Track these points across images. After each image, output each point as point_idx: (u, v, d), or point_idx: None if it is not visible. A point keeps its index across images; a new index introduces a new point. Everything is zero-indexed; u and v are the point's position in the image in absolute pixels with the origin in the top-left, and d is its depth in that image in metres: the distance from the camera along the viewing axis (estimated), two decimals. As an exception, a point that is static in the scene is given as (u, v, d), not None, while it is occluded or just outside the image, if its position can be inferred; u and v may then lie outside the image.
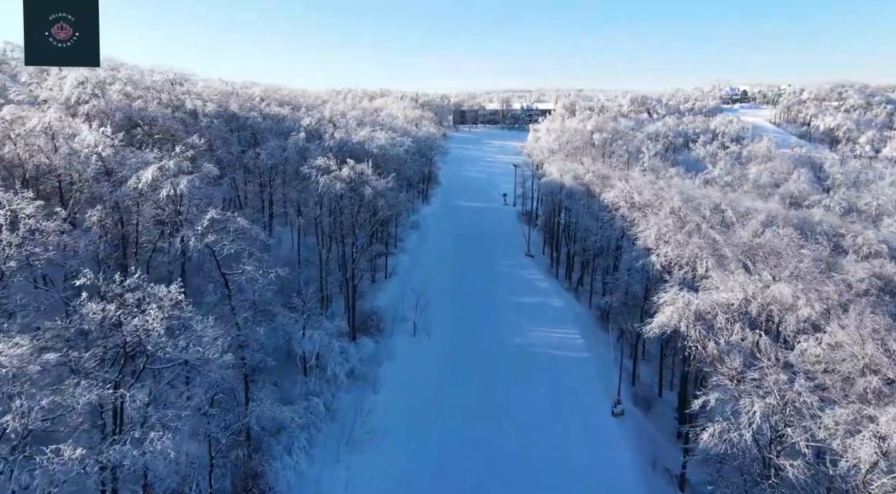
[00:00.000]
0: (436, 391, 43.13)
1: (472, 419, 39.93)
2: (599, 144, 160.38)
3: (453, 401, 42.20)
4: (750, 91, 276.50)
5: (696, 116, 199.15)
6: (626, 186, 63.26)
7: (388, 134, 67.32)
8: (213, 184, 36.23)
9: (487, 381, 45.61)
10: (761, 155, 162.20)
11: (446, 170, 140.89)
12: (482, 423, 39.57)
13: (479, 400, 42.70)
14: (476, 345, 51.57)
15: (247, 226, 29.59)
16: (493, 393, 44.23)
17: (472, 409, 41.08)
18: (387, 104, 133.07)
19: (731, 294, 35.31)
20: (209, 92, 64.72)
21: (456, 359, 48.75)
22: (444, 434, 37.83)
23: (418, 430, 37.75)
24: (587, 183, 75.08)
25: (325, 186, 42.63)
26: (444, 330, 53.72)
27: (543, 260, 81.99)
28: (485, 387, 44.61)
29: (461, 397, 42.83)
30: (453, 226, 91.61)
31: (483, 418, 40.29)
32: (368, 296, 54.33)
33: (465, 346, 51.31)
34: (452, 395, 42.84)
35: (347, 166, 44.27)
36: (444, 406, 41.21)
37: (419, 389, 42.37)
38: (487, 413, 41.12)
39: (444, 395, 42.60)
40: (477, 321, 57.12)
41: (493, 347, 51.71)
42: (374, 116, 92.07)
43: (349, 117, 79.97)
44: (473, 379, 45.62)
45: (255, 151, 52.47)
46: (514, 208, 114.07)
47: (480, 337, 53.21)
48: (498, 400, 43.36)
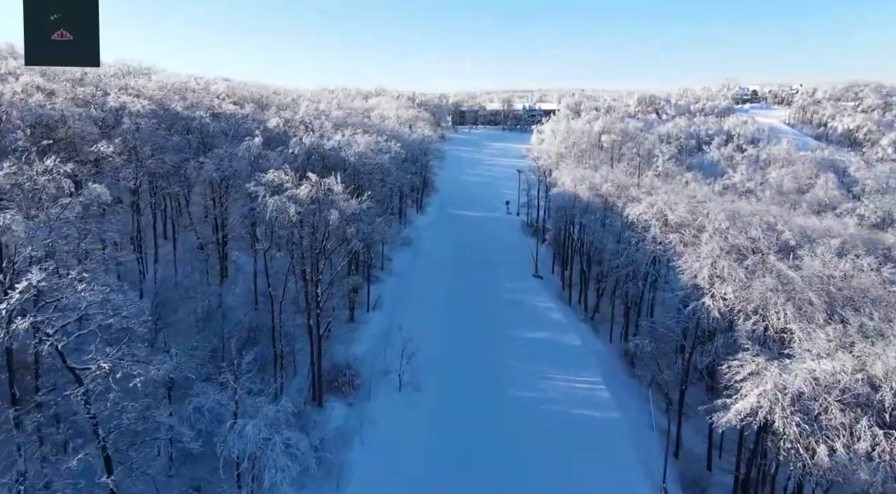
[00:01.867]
0: (425, 478, 32.69)
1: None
2: (608, 147, 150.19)
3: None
4: (760, 91, 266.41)
5: (707, 117, 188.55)
6: (656, 201, 52.79)
7: (372, 138, 56.65)
8: (107, 211, 25.84)
9: (492, 459, 35.17)
10: (781, 158, 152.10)
11: (444, 174, 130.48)
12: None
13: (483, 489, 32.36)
14: (477, 404, 41.05)
15: (103, 293, 19.13)
16: (501, 475, 33.82)
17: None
18: (380, 104, 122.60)
19: (835, 363, 24.84)
20: (151, 86, 53.90)
21: (452, 426, 38.16)
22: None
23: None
24: (604, 194, 64.62)
25: (275, 210, 32.19)
26: (437, 382, 43.21)
27: (553, 282, 71.55)
28: (489, 469, 34.18)
29: (459, 486, 32.46)
30: (451, 241, 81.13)
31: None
32: (344, 340, 43.93)
33: (464, 406, 40.77)
34: (447, 485, 32.45)
35: (309, 182, 33.63)
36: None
37: (402, 479, 31.89)
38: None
39: (436, 486, 32.17)
40: (478, 368, 46.64)
41: (499, 406, 41.24)
42: (362, 117, 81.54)
43: (331, 117, 69.27)
44: (474, 456, 35.21)
45: (199, 161, 41.94)
46: (517, 217, 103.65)
47: (482, 393, 42.68)
48: (507, 489, 32.97)
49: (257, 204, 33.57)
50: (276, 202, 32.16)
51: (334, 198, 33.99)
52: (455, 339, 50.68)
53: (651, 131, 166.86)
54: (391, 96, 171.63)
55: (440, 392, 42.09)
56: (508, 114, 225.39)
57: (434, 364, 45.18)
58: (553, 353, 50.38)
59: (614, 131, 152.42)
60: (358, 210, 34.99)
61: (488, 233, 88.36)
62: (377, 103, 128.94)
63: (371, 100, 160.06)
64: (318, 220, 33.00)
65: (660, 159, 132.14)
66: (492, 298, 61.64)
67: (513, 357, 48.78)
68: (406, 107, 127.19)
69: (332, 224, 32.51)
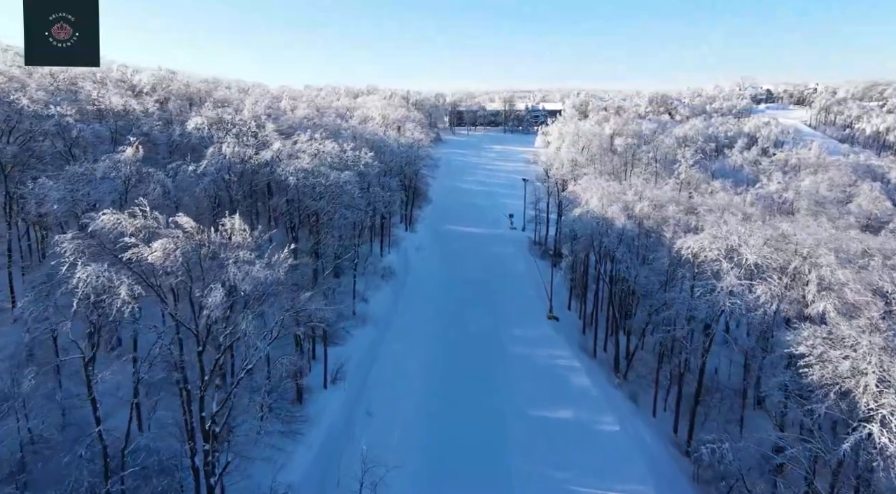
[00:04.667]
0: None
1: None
2: (622, 151, 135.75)
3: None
4: (774, 90, 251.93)
5: (725, 118, 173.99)
6: (723, 232, 38.16)
7: (332, 147, 41.30)
8: None
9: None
10: (811, 163, 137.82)
11: (439, 181, 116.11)
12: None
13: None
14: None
15: None
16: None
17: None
18: (365, 103, 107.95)
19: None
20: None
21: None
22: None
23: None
24: (639, 216, 50.19)
25: (93, 289, 17.10)
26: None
27: (571, 325, 57.05)
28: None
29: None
30: (444, 270, 66.49)
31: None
32: (273, 454, 29.05)
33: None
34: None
35: (175, 233, 18.54)
36: None
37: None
38: None
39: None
40: (478, 476, 32.14)
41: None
42: (335, 118, 66.58)
43: (288, 119, 54.47)
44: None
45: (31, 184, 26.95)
46: (523, 233, 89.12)
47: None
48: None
49: (60, 276, 18.58)
50: (94, 275, 17.49)
51: (230, 257, 19.26)
52: (445, 428, 36.05)
53: (666, 133, 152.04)
54: (383, 95, 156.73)
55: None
56: (510, 115, 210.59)
57: (414, 479, 30.61)
58: (581, 446, 35.90)
59: (628, 133, 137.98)
60: (272, 279, 20.00)
61: (490, 256, 73.70)
62: (363, 102, 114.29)
63: (360, 99, 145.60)
64: (196, 299, 18.60)
65: (682, 165, 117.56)
66: (496, 354, 47.11)
67: (524, 456, 34.25)
68: (396, 106, 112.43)
69: (217, 309, 17.96)
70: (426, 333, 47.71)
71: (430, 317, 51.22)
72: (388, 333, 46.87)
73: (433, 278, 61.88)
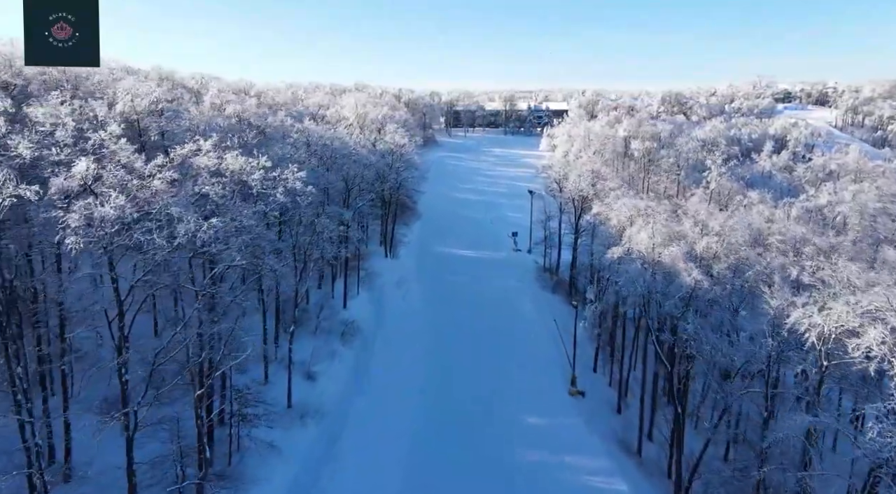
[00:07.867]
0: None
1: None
2: (639, 155, 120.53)
3: None
4: (791, 89, 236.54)
5: (747, 119, 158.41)
6: (873, 305, 22.73)
7: (240, 163, 25.31)
8: None
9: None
10: (851, 169, 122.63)
11: (430, 191, 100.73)
12: None
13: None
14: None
15: None
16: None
17: None
18: (340, 101, 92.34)
19: None
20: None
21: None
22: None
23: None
24: (707, 257, 34.66)
25: None
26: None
27: (601, 400, 41.66)
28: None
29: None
30: (429, 314, 50.74)
31: None
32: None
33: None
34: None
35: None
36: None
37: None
38: None
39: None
40: None
41: None
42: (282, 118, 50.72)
43: (205, 118, 38.80)
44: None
45: None
46: (529, 257, 73.68)
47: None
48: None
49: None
50: None
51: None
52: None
53: (684, 135, 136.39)
54: (371, 93, 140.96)
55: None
56: (510, 115, 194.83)
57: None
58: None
59: (644, 136, 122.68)
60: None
61: (490, 293, 57.92)
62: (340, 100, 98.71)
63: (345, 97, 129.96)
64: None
65: (713, 172, 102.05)
66: (506, 466, 31.52)
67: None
68: (380, 104, 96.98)
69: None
70: (397, 434, 31.96)
71: (406, 404, 35.49)
72: (341, 442, 31.01)
73: (414, 332, 46.20)
